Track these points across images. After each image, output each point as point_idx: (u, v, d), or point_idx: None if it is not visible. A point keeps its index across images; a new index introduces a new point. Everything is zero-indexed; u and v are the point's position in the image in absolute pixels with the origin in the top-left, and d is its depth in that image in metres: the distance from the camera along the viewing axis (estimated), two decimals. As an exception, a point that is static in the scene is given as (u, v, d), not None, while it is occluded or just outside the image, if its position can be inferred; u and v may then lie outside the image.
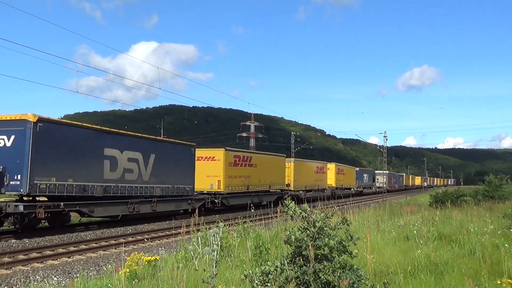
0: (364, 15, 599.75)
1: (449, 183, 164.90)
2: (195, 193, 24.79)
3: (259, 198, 30.66)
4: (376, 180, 73.96)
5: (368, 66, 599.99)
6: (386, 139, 60.58)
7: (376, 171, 78.39)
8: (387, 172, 75.12)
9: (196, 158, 25.26)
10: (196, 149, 25.55)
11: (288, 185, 37.13)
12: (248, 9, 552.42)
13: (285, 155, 38.65)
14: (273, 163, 34.77)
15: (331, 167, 50.77)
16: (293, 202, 5.17)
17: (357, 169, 66.45)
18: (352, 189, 58.08)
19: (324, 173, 47.06)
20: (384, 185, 67.40)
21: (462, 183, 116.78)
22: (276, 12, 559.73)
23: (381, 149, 74.23)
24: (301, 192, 38.94)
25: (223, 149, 27.60)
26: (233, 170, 28.15)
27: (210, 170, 26.77)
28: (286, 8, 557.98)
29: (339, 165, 55.31)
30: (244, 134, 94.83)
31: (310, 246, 4.49)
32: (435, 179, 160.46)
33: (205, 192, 26.29)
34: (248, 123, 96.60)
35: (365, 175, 70.60)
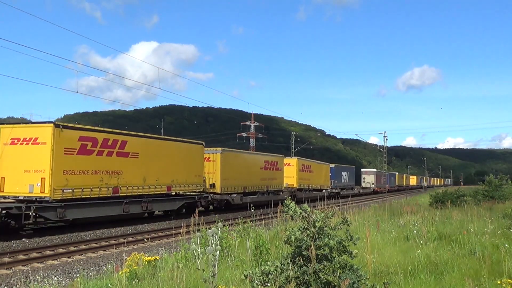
0: (365, 15, 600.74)
1: (445, 183, 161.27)
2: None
3: (143, 207, 20.70)
4: (363, 180, 67.56)
5: (368, 66, 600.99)
6: (386, 139, 60.56)
7: (362, 169, 72.40)
8: (375, 170, 70.11)
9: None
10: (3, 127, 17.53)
11: (212, 185, 27.11)
12: (248, 9, 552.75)
13: (203, 142, 26.99)
14: (180, 153, 23.89)
15: (293, 162, 40.68)
16: (294, 202, 5.16)
17: (332, 165, 54.65)
18: (324, 190, 46.88)
19: (279, 169, 36.53)
20: (372, 185, 62.63)
21: (462, 183, 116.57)
22: (276, 12, 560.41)
23: (381, 149, 73.95)
24: (235, 195, 28.55)
25: (52, 124, 16.69)
26: (79, 160, 17.44)
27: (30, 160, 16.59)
28: (286, 8, 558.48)
29: (304, 160, 44.65)
30: (244, 134, 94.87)
31: (311, 246, 4.49)
32: (432, 178, 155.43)
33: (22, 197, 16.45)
34: (248, 123, 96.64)
35: (344, 174, 58.83)
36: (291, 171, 39.94)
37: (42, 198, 16.03)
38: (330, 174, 51.33)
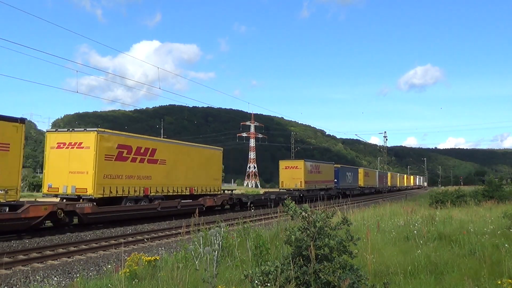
0: (369, 13, 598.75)
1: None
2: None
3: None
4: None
5: (370, 65, 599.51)
6: (386, 139, 60.92)
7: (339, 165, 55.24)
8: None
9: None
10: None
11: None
12: (250, 7, 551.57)
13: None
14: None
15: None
16: (293, 202, 5.17)
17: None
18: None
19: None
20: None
21: (462, 183, 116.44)
22: (279, 10, 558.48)
23: (381, 149, 74.23)
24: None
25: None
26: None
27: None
28: (289, 6, 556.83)
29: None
30: (244, 134, 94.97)
31: (311, 246, 4.49)
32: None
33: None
34: (248, 123, 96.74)
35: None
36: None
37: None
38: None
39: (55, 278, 9.31)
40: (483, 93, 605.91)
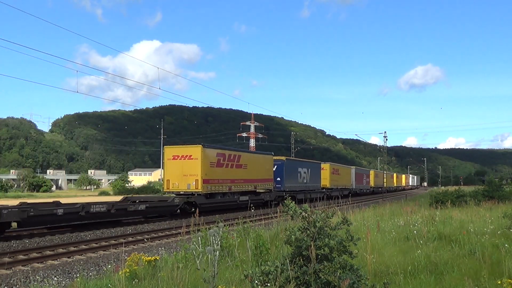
0: (369, 13, 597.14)
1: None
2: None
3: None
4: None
5: (370, 65, 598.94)
6: (386, 139, 60.62)
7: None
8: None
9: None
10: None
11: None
12: (251, 7, 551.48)
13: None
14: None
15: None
16: (293, 202, 5.17)
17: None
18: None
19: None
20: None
21: (462, 183, 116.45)
22: (280, 9, 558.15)
23: (381, 149, 73.67)
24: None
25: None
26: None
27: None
28: (290, 5, 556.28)
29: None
30: (244, 134, 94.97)
31: (311, 246, 4.49)
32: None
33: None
34: (248, 123, 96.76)
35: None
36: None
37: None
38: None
39: (55, 278, 9.31)
40: (483, 93, 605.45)
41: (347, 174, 55.73)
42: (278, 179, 35.31)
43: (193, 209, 23.42)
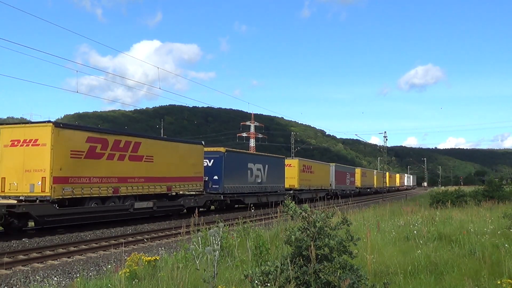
0: (370, 13, 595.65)
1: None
2: None
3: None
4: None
5: (370, 65, 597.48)
6: (386, 139, 60.54)
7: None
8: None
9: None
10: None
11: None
12: (251, 7, 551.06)
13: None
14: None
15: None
16: (293, 202, 5.16)
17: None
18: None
19: None
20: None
21: (462, 183, 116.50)
22: (280, 9, 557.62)
23: (381, 149, 73.66)
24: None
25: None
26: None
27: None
28: (289, 6, 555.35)
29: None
30: (244, 134, 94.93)
31: (311, 246, 4.50)
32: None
33: None
34: (248, 123, 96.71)
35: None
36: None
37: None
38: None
39: (55, 278, 9.31)
40: (483, 93, 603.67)
41: (324, 172, 47.08)
42: (216, 177, 27.56)
43: (31, 225, 17.16)
